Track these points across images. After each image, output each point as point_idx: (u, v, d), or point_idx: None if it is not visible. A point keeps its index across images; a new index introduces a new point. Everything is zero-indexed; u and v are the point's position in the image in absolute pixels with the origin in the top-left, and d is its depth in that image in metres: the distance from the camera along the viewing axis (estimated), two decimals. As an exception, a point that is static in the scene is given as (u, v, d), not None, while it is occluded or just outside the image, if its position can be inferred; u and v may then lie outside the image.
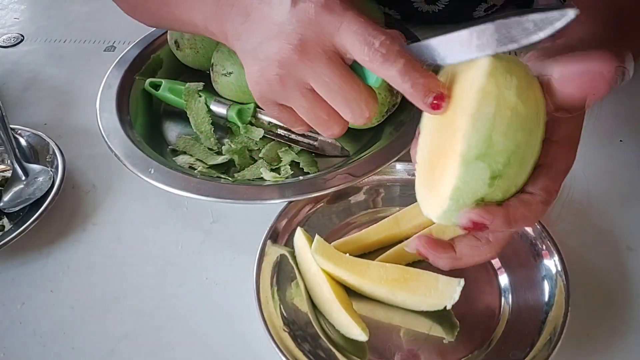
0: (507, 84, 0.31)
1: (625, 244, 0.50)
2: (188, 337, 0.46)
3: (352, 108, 0.38)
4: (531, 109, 0.32)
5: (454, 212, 0.34)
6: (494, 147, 0.31)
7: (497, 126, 0.31)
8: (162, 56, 0.67)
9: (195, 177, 0.52)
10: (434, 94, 0.34)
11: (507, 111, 0.31)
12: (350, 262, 0.45)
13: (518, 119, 0.31)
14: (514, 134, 0.31)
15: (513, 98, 0.31)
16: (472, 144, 0.32)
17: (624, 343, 0.44)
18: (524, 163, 0.33)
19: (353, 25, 0.36)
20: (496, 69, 0.32)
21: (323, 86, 0.38)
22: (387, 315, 0.45)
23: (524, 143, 0.32)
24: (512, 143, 0.31)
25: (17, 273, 0.51)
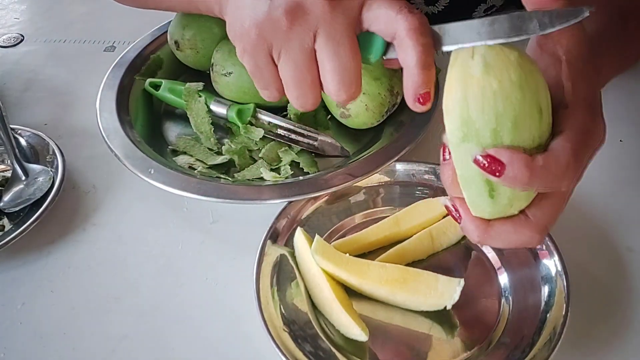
0: (471, 64, 0.31)
1: (625, 244, 0.50)
2: (188, 337, 0.46)
3: (342, 79, 0.37)
4: (505, 79, 0.31)
5: (474, 199, 0.34)
6: (474, 125, 0.31)
7: (470, 105, 0.31)
8: (162, 56, 0.67)
9: (195, 177, 0.52)
10: (426, 90, 0.35)
11: (474, 87, 0.31)
12: (350, 262, 0.45)
13: (490, 92, 0.31)
14: (491, 107, 0.31)
15: (478, 75, 0.31)
16: (451, 129, 0.32)
17: (624, 343, 0.44)
18: (519, 127, 0.31)
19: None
20: (458, 54, 0.32)
21: (330, 44, 0.36)
22: (387, 315, 0.45)
23: (509, 110, 0.31)
24: (491, 115, 0.31)
25: (17, 273, 0.51)
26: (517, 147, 0.31)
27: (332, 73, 0.37)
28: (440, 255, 0.49)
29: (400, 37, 0.35)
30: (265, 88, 0.40)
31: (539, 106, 0.32)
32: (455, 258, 0.49)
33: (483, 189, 0.33)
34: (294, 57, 0.37)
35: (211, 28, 0.62)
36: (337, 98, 0.38)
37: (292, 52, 0.37)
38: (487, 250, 0.49)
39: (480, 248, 0.49)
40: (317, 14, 0.36)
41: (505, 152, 0.31)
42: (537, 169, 0.31)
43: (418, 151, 0.55)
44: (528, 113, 0.31)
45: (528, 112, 0.31)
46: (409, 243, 0.48)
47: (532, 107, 0.31)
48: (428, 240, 0.48)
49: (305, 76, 0.37)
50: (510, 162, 0.30)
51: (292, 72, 0.38)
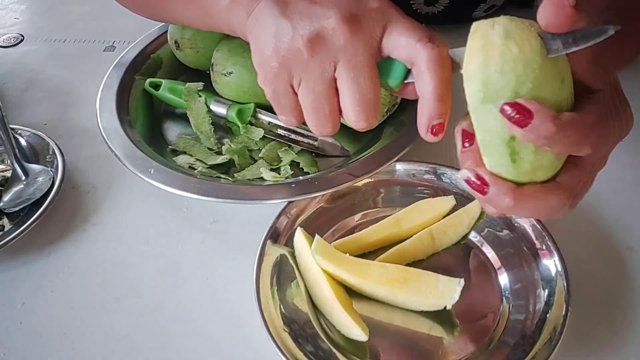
0: (492, 33, 0.31)
1: (626, 243, 0.50)
2: (188, 337, 0.46)
3: (363, 110, 0.37)
4: (526, 45, 0.31)
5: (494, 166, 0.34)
6: (494, 86, 0.31)
7: (490, 68, 0.31)
8: (162, 56, 0.67)
9: (195, 177, 0.52)
10: (440, 121, 0.35)
11: (494, 52, 0.31)
12: (350, 262, 0.45)
13: (510, 56, 0.31)
14: (511, 69, 0.31)
15: (499, 41, 0.31)
16: (472, 92, 0.32)
17: (624, 343, 0.44)
18: (540, 90, 0.31)
19: (406, 24, 0.36)
20: (479, 26, 0.32)
21: (351, 72, 0.36)
22: (387, 315, 0.45)
23: (529, 73, 0.31)
24: (511, 76, 0.31)
25: (17, 273, 0.51)
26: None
27: (352, 103, 0.37)
28: (440, 255, 0.49)
29: (418, 67, 0.35)
30: (283, 114, 0.41)
31: (560, 75, 0.31)
32: (455, 258, 0.49)
33: (505, 153, 0.32)
34: (314, 86, 0.37)
35: (211, 28, 0.62)
36: (356, 126, 0.38)
37: (312, 82, 0.37)
38: (487, 250, 0.49)
39: (480, 248, 0.49)
40: (338, 44, 0.36)
41: (533, 102, 0.30)
42: (563, 124, 0.30)
43: (418, 151, 0.55)
44: (549, 78, 0.31)
45: (549, 77, 0.31)
46: (409, 243, 0.48)
47: (553, 74, 0.31)
48: (428, 240, 0.48)
49: (324, 105, 0.38)
50: (537, 111, 0.29)
51: (312, 101, 0.38)
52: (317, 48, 0.36)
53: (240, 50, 0.58)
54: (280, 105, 0.40)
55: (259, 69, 0.40)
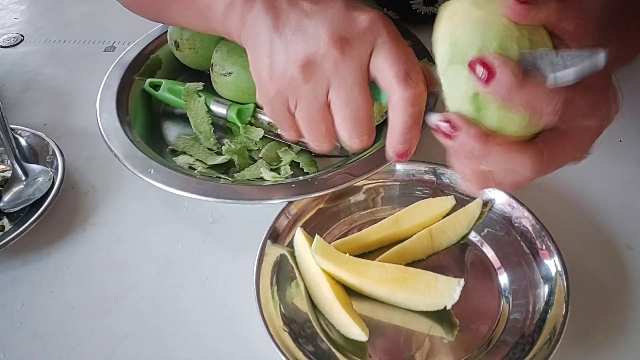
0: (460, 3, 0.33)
1: (625, 242, 0.50)
2: (188, 337, 0.46)
3: (355, 130, 0.38)
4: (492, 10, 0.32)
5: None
6: (460, 46, 0.32)
7: (457, 29, 0.32)
8: (162, 56, 0.67)
9: (195, 177, 0.52)
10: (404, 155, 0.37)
11: (460, 16, 0.32)
12: (350, 262, 0.45)
13: (476, 16, 0.32)
14: (477, 29, 0.31)
15: (466, 6, 0.32)
16: (440, 54, 0.33)
17: (623, 342, 0.44)
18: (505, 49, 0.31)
19: (392, 49, 0.36)
20: (448, 4, 0.34)
21: (343, 95, 0.37)
22: (387, 315, 0.45)
23: (495, 32, 0.31)
24: (477, 36, 0.31)
25: (17, 273, 0.51)
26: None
27: (345, 124, 0.38)
28: (440, 255, 0.49)
29: (391, 101, 0.36)
30: (283, 130, 0.42)
31: (528, 37, 0.31)
32: (455, 258, 0.49)
33: (470, 109, 0.32)
34: (309, 110, 0.39)
35: (211, 28, 0.62)
36: (350, 146, 0.39)
37: (307, 106, 0.39)
38: (487, 250, 0.49)
39: (480, 248, 0.49)
40: (330, 69, 0.37)
41: (497, 58, 0.30)
42: (527, 81, 0.30)
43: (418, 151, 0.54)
44: (516, 38, 0.31)
45: (516, 37, 0.31)
46: (409, 243, 0.48)
47: (521, 34, 0.31)
48: (428, 240, 0.48)
49: (320, 126, 0.39)
50: (501, 66, 0.30)
51: (307, 122, 0.40)
52: (310, 74, 0.37)
53: (239, 50, 0.58)
54: (279, 122, 0.42)
55: (257, 87, 0.41)
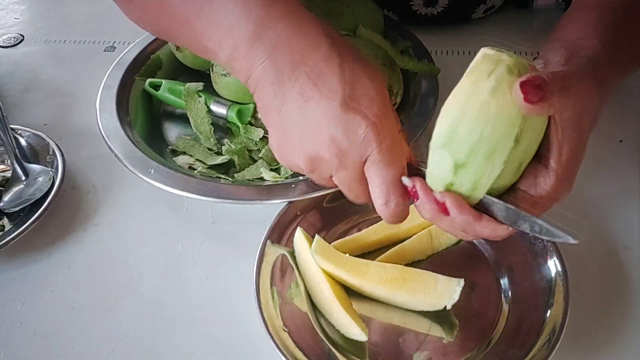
0: (484, 82, 0.33)
1: (623, 243, 0.51)
2: (188, 337, 0.46)
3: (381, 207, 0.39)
4: (505, 110, 0.33)
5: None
6: (457, 137, 0.34)
7: (464, 119, 0.33)
8: (162, 56, 0.67)
9: (195, 177, 0.52)
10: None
11: (476, 106, 0.33)
12: (350, 262, 0.45)
13: (486, 115, 0.33)
14: (479, 128, 0.33)
15: (485, 96, 0.33)
16: (438, 132, 0.35)
17: (623, 341, 0.44)
18: (492, 158, 0.34)
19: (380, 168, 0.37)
20: (479, 67, 0.34)
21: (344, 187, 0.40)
22: (387, 315, 0.45)
23: (492, 139, 0.33)
24: (475, 135, 0.33)
25: (17, 273, 0.51)
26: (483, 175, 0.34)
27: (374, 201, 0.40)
28: (440, 255, 0.49)
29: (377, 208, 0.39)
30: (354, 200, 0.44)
31: (528, 136, 0.34)
32: (455, 258, 0.49)
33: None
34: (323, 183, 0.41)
35: (211, 28, 0.62)
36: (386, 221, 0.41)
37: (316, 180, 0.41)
38: (487, 250, 0.49)
39: (480, 248, 0.49)
40: (330, 167, 0.39)
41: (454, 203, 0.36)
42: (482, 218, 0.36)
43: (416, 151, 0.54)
44: (510, 150, 0.34)
45: (510, 148, 0.34)
46: (409, 243, 0.48)
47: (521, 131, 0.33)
48: (428, 240, 0.48)
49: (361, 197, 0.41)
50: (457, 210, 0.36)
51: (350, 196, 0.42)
52: (314, 168, 0.39)
53: (240, 50, 0.58)
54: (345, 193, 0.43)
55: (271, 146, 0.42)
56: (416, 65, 0.62)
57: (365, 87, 0.37)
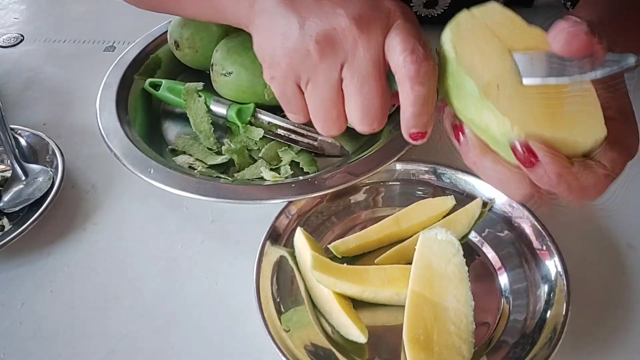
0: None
1: (625, 241, 0.50)
2: (188, 337, 0.46)
3: (366, 116, 0.37)
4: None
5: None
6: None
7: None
8: (162, 56, 0.67)
9: (194, 177, 0.52)
10: (422, 130, 0.36)
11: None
12: (350, 272, 0.45)
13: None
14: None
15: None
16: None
17: (624, 341, 0.44)
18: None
19: (404, 30, 0.35)
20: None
21: (357, 76, 0.36)
22: (387, 315, 0.45)
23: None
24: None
25: (17, 273, 0.51)
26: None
27: (356, 109, 0.37)
28: (440, 254, 0.49)
29: (399, 80, 0.35)
30: (292, 113, 0.41)
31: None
32: (455, 258, 0.49)
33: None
34: (321, 91, 0.37)
35: (210, 27, 0.62)
36: (360, 130, 0.39)
37: (320, 86, 0.37)
38: (487, 250, 0.49)
39: (480, 248, 0.49)
40: (346, 49, 0.35)
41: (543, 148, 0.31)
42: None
43: (418, 150, 0.55)
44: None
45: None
46: (409, 243, 0.48)
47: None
48: (428, 239, 0.48)
49: (331, 109, 0.38)
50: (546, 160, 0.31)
51: (319, 104, 0.38)
52: (326, 51, 0.35)
53: (239, 49, 0.58)
54: (288, 103, 0.40)
55: (267, 67, 0.39)
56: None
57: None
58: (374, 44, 0.35)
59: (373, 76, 0.36)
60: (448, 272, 0.43)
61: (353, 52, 0.35)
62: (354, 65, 0.35)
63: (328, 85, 0.37)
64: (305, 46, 0.36)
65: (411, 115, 0.36)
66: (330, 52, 0.35)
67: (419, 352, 0.40)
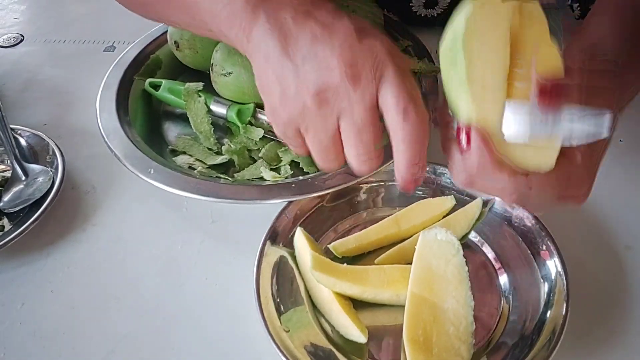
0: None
1: (624, 243, 0.50)
2: (188, 337, 0.46)
3: (364, 161, 0.39)
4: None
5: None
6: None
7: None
8: (162, 56, 0.67)
9: (194, 177, 0.52)
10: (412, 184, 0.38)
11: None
12: (350, 272, 0.45)
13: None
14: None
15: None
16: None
17: (623, 342, 0.44)
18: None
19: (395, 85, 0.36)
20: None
21: (353, 125, 0.37)
22: (387, 315, 0.45)
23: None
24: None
25: (17, 273, 0.51)
26: None
27: (355, 154, 0.39)
28: (440, 255, 0.49)
29: (392, 139, 0.37)
30: (293, 148, 0.42)
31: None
32: (455, 258, 0.49)
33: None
34: (320, 138, 0.39)
35: (211, 28, 0.62)
36: (357, 172, 0.40)
37: (318, 134, 0.39)
38: (487, 250, 0.49)
39: (480, 248, 0.49)
40: (341, 99, 0.37)
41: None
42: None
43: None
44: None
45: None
46: (409, 243, 0.48)
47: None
48: (428, 240, 0.48)
49: (330, 151, 0.40)
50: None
51: (318, 147, 0.40)
52: (322, 104, 0.37)
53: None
54: (289, 143, 0.42)
55: (267, 111, 0.41)
56: (416, 65, 0.62)
57: (374, 32, 0.38)
58: (368, 96, 0.36)
59: (369, 125, 0.37)
60: (448, 273, 0.43)
61: (348, 106, 0.37)
62: (350, 117, 0.37)
63: (326, 134, 0.38)
64: (303, 100, 0.37)
65: (404, 170, 0.37)
66: (327, 107, 0.37)
67: (419, 353, 0.40)
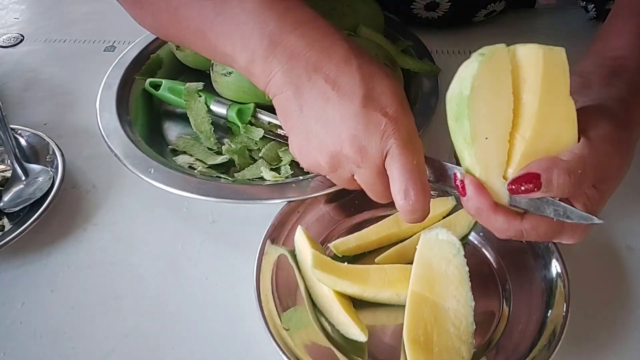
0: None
1: (625, 243, 0.50)
2: (188, 337, 0.46)
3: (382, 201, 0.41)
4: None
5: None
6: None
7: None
8: (162, 56, 0.67)
9: (195, 177, 0.52)
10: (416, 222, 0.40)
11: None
12: (351, 271, 0.45)
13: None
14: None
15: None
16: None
17: (624, 342, 0.44)
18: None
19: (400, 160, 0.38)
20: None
21: (366, 184, 0.40)
22: (388, 315, 0.45)
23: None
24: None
25: (17, 273, 0.51)
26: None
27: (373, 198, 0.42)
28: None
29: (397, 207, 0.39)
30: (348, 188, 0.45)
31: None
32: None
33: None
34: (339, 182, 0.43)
35: (211, 28, 0.62)
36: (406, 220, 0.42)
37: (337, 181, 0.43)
38: (487, 250, 0.49)
39: (480, 248, 0.49)
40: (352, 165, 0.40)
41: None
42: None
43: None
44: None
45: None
46: (409, 243, 0.48)
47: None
48: (428, 240, 0.48)
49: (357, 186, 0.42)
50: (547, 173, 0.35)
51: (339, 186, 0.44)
52: (335, 167, 0.40)
53: (240, 50, 0.58)
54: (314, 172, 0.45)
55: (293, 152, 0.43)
56: (417, 65, 0.62)
57: (382, 86, 0.39)
58: (374, 166, 0.39)
59: (378, 184, 0.40)
60: (448, 273, 0.43)
61: (358, 169, 0.40)
62: (362, 178, 0.40)
63: (344, 183, 0.42)
64: (317, 161, 0.41)
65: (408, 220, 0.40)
66: (339, 167, 0.40)
67: (419, 353, 0.40)
